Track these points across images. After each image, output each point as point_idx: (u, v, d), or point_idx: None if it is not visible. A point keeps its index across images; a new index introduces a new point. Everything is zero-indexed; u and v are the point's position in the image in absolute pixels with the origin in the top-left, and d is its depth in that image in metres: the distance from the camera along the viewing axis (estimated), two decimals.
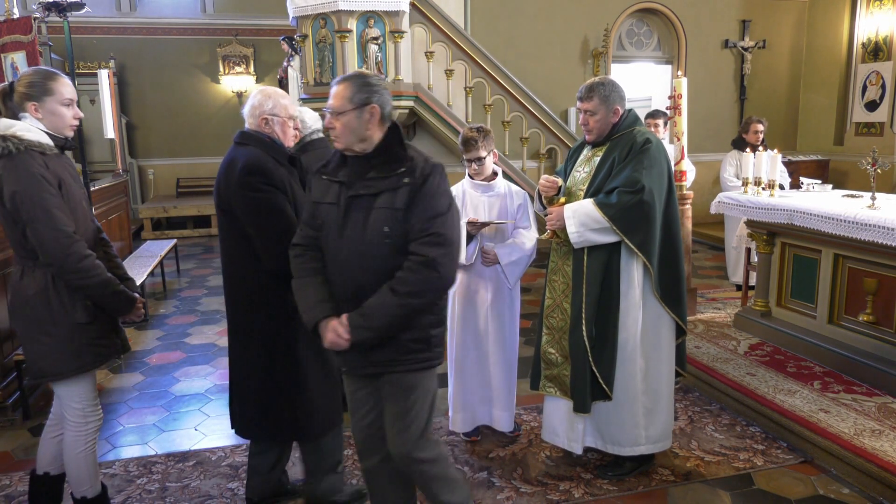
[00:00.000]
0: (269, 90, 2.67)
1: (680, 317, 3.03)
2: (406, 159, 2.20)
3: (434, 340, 2.28)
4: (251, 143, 2.57)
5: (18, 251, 2.46)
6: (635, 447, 3.05)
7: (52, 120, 2.46)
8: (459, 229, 2.24)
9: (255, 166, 2.48)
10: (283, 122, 2.64)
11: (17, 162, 2.32)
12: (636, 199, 2.80)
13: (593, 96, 2.93)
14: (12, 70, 6.77)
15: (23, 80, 2.45)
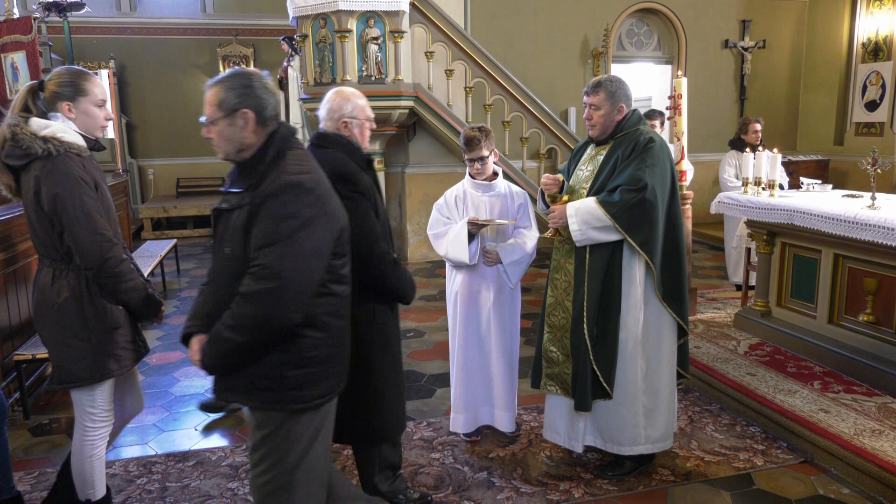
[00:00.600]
0: (347, 91, 2.62)
1: (681, 317, 3.03)
2: (256, 174, 1.94)
3: (289, 381, 1.98)
4: (331, 147, 2.52)
5: (50, 254, 2.41)
6: (634, 447, 3.05)
7: (85, 120, 2.44)
8: (304, 262, 1.89)
9: (343, 173, 2.42)
10: (361, 124, 2.59)
11: (58, 164, 2.29)
12: (639, 198, 2.80)
13: (600, 91, 2.94)
14: (12, 70, 6.77)
15: (55, 78, 2.41)
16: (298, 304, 1.90)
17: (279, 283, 1.85)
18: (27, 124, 2.31)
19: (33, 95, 2.41)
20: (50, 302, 2.41)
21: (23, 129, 2.30)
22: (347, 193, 2.39)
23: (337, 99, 2.59)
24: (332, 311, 2.04)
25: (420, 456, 3.38)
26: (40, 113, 2.39)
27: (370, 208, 2.49)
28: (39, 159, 2.30)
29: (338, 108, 2.57)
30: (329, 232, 1.96)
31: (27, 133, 2.29)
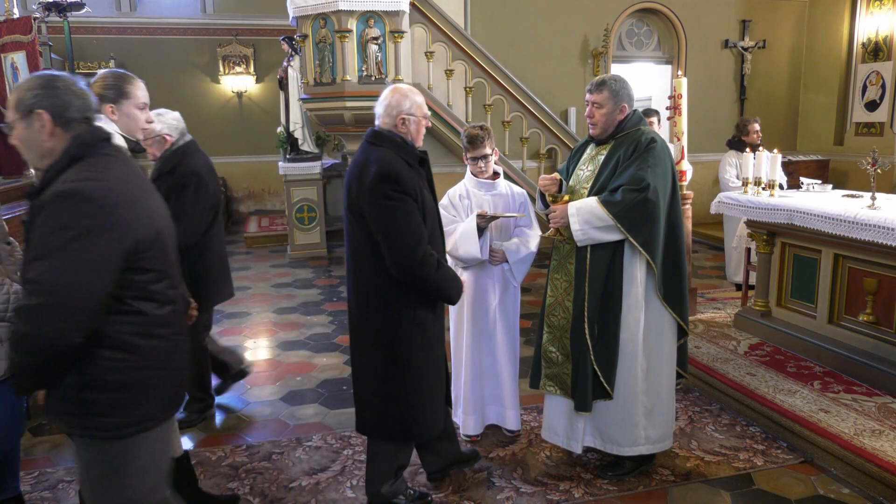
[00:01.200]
0: (404, 88, 2.63)
1: (681, 317, 3.03)
2: (47, 182, 1.78)
3: (92, 407, 1.81)
4: (384, 145, 2.56)
5: None
6: (634, 447, 3.05)
7: (127, 122, 2.50)
8: (78, 277, 1.70)
9: (388, 173, 2.46)
10: (418, 121, 2.63)
11: None
12: (641, 198, 2.80)
13: (604, 89, 2.93)
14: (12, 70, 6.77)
15: (100, 81, 2.47)
16: (75, 323, 1.70)
17: (47, 300, 1.67)
18: None
19: None
20: None
21: None
22: (392, 194, 2.44)
23: (395, 95, 2.61)
24: (140, 330, 1.84)
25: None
26: None
27: (416, 209, 2.50)
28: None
29: (396, 104, 2.59)
30: (114, 244, 1.75)
31: None
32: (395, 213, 2.46)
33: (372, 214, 2.49)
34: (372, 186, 2.46)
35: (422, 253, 2.50)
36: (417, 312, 2.62)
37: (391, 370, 2.64)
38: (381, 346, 2.64)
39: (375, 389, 2.69)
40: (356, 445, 3.52)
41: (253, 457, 3.42)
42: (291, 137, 8.81)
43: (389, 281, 2.56)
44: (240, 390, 4.32)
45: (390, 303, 2.59)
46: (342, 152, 9.49)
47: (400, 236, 2.46)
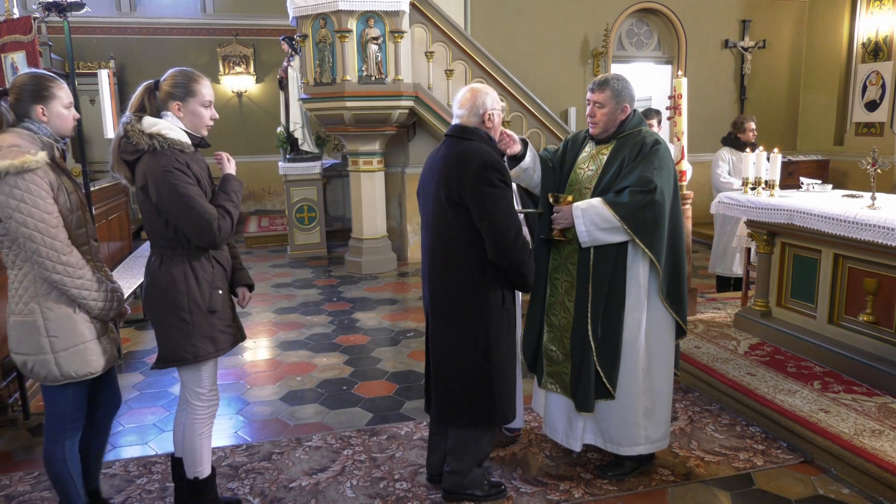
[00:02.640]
0: (481, 87, 2.80)
1: (681, 317, 3.03)
2: None
3: None
4: (475, 139, 2.72)
5: (158, 241, 2.57)
6: (634, 447, 3.05)
7: (193, 120, 2.56)
8: None
9: (493, 162, 2.64)
10: (498, 113, 2.80)
11: (160, 158, 2.44)
12: (648, 199, 2.80)
13: (606, 88, 2.92)
14: (12, 70, 6.77)
15: (168, 79, 2.54)
16: None
17: None
18: (139, 122, 2.47)
19: (149, 94, 2.55)
20: (158, 285, 2.55)
21: (134, 126, 2.46)
22: (497, 182, 2.61)
23: (479, 94, 2.76)
24: None
25: (420, 456, 3.38)
26: (154, 111, 2.54)
27: (512, 198, 2.68)
28: (147, 153, 2.45)
29: (481, 103, 2.75)
30: None
31: (136, 130, 2.45)
32: (499, 201, 2.62)
33: (477, 201, 2.62)
34: (479, 176, 2.60)
35: (521, 238, 2.68)
36: (506, 298, 2.78)
37: (482, 355, 2.76)
38: (472, 333, 2.75)
39: (466, 375, 2.78)
40: (356, 445, 3.52)
41: (253, 457, 3.43)
42: (291, 137, 8.82)
43: (484, 268, 2.71)
44: (240, 390, 4.33)
45: (484, 289, 2.72)
46: (342, 152, 9.50)
47: (504, 222, 2.63)
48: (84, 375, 2.46)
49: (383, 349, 5.07)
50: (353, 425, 3.80)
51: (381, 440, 3.58)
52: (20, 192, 2.25)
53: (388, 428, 3.72)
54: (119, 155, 2.52)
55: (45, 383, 2.46)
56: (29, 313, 2.38)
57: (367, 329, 5.57)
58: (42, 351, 2.39)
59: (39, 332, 2.38)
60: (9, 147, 2.27)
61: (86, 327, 2.45)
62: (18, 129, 2.36)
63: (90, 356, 2.46)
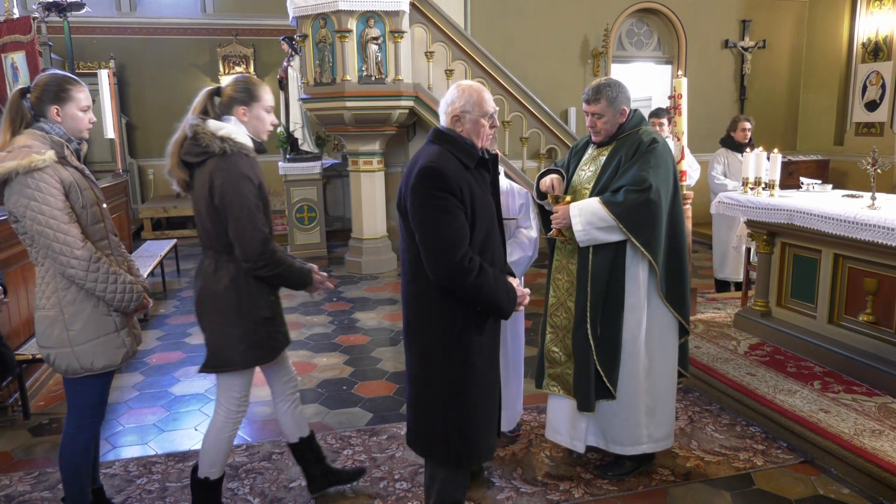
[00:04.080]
0: (465, 84, 2.46)
1: (683, 317, 3.04)
2: None
3: None
4: (440, 142, 2.38)
5: (214, 245, 2.57)
6: (637, 446, 3.05)
7: (256, 124, 2.61)
8: None
9: (431, 170, 2.27)
10: (475, 119, 2.40)
11: (230, 162, 2.47)
12: (643, 198, 2.80)
13: (601, 98, 2.92)
14: (12, 70, 6.77)
15: (232, 84, 2.60)
16: None
17: None
18: (206, 125, 2.50)
19: (212, 99, 2.60)
20: (211, 290, 2.58)
21: (204, 128, 2.48)
22: (432, 192, 2.24)
23: (454, 92, 2.44)
24: None
25: (419, 457, 3.37)
26: (216, 115, 2.58)
27: (458, 210, 2.26)
28: (214, 157, 2.48)
29: (451, 101, 2.42)
30: None
31: (207, 132, 2.48)
32: (433, 213, 2.26)
33: (411, 213, 2.32)
34: (413, 184, 2.29)
35: (459, 256, 2.24)
36: (462, 329, 2.37)
37: (435, 388, 2.42)
38: (423, 361, 2.44)
39: (425, 406, 2.47)
40: (356, 445, 3.52)
41: (253, 457, 3.42)
42: (291, 137, 8.81)
43: (430, 289, 2.34)
44: None
45: (431, 313, 2.38)
46: (342, 152, 9.49)
47: (436, 237, 2.26)
48: (102, 368, 2.50)
49: (383, 349, 5.07)
50: (353, 425, 3.80)
51: (381, 440, 3.58)
52: (30, 191, 2.29)
53: (388, 428, 3.72)
54: (181, 156, 2.54)
55: (66, 376, 2.50)
56: (51, 307, 2.43)
57: (367, 329, 5.57)
58: (62, 344, 2.43)
59: (60, 325, 2.42)
60: (20, 148, 2.33)
61: (106, 321, 2.49)
62: (32, 131, 2.41)
63: (109, 349, 2.50)
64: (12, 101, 2.43)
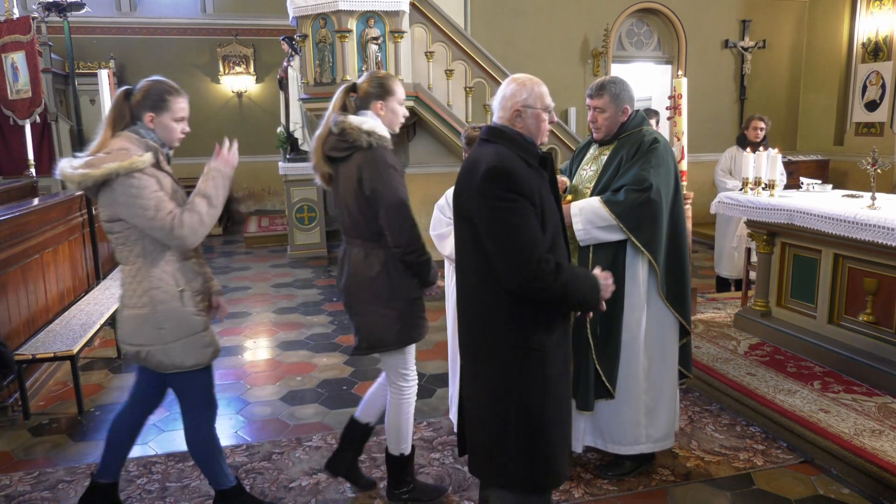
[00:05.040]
0: (522, 77, 2.31)
1: (684, 317, 3.04)
2: None
3: None
4: (498, 141, 2.22)
5: (362, 234, 2.68)
6: (636, 446, 3.05)
7: (391, 117, 2.74)
8: None
9: (499, 170, 2.10)
10: (537, 114, 2.26)
11: (378, 155, 2.59)
12: (644, 198, 2.80)
13: (604, 93, 2.92)
14: (12, 70, 6.77)
15: (367, 80, 2.71)
16: None
17: None
18: (350, 121, 2.61)
19: (348, 95, 2.71)
20: (364, 276, 2.69)
21: (351, 124, 2.60)
22: (503, 194, 2.09)
23: (512, 85, 2.28)
24: None
25: (420, 456, 3.37)
26: (353, 111, 2.69)
27: (531, 212, 2.12)
28: (361, 150, 2.59)
29: (511, 95, 2.26)
30: None
31: (354, 128, 2.59)
32: (507, 217, 2.09)
33: (481, 218, 2.12)
34: (480, 186, 2.11)
35: (536, 259, 2.08)
36: (531, 336, 2.19)
37: (504, 406, 2.21)
38: (489, 377, 2.23)
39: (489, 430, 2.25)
40: None
41: (253, 457, 3.42)
42: (291, 137, 8.82)
43: (498, 297, 2.17)
44: (240, 390, 4.32)
45: (499, 323, 2.19)
46: None
47: (513, 242, 2.09)
48: (192, 366, 2.56)
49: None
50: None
51: (381, 440, 3.56)
52: (134, 190, 2.37)
53: None
54: (327, 152, 2.66)
55: (157, 370, 2.56)
56: (142, 306, 2.48)
57: None
58: (154, 342, 2.50)
59: (152, 323, 2.48)
60: (118, 150, 2.39)
61: (194, 320, 2.55)
62: (128, 133, 2.48)
63: (197, 348, 2.56)
64: (116, 102, 2.51)
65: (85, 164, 2.36)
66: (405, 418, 2.87)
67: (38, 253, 4.51)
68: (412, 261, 2.65)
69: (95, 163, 2.36)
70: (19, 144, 8.24)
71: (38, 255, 4.51)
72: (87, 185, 2.38)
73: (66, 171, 2.39)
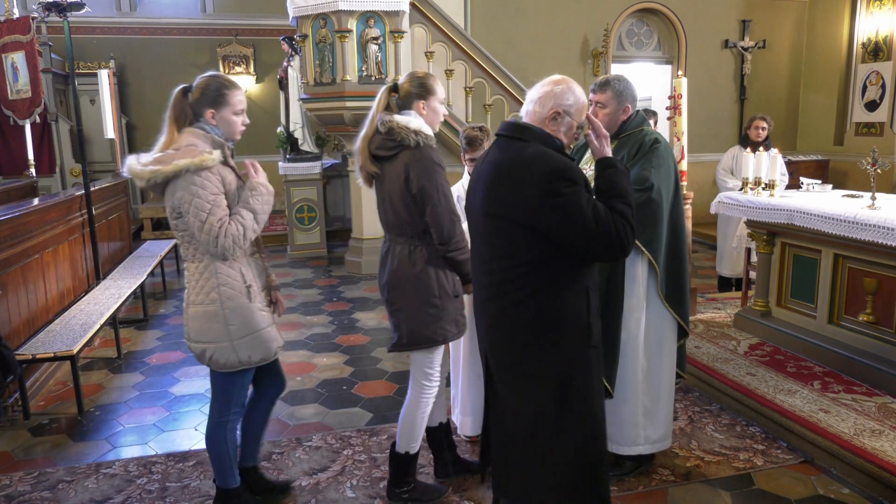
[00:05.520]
0: (572, 83, 2.21)
1: (682, 318, 3.03)
2: None
3: None
4: (531, 140, 2.13)
5: (406, 231, 2.71)
6: (633, 447, 3.05)
7: (432, 116, 2.75)
8: None
9: (556, 169, 2.05)
10: (571, 124, 2.20)
11: (424, 153, 2.63)
12: (645, 198, 2.80)
13: (607, 89, 2.92)
14: (12, 70, 6.77)
15: (408, 80, 2.75)
16: None
17: None
18: (396, 120, 2.65)
19: (390, 95, 2.75)
20: (407, 273, 2.71)
21: (399, 123, 2.64)
22: (563, 190, 2.04)
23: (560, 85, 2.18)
24: None
25: (420, 456, 3.37)
26: (396, 111, 2.73)
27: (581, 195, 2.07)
28: (408, 149, 2.62)
29: (560, 93, 2.17)
30: None
31: (402, 127, 2.63)
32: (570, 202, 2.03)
33: (548, 220, 2.05)
34: (543, 190, 2.03)
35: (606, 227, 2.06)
36: (593, 329, 2.13)
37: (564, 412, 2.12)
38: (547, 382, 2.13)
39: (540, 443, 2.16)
40: (356, 445, 3.52)
41: None
42: (291, 137, 8.81)
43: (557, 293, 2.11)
44: None
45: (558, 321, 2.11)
46: (342, 152, 9.49)
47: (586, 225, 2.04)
48: (258, 361, 2.61)
49: (383, 349, 5.07)
50: (353, 425, 3.80)
51: (381, 440, 3.57)
52: (195, 188, 2.40)
53: (388, 428, 3.71)
54: (374, 151, 2.69)
55: (222, 370, 2.59)
56: (210, 303, 2.52)
57: (367, 329, 5.57)
58: (222, 339, 2.53)
59: (220, 320, 2.52)
60: (186, 146, 2.44)
61: (259, 316, 2.60)
62: (193, 129, 2.52)
63: (264, 343, 2.62)
64: (176, 100, 2.53)
65: (155, 161, 2.42)
66: (421, 417, 2.88)
67: (38, 253, 4.51)
68: (455, 258, 2.69)
69: (165, 159, 2.40)
70: (19, 144, 8.25)
71: (38, 255, 4.51)
72: (155, 182, 2.42)
73: (136, 167, 2.44)
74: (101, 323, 4.42)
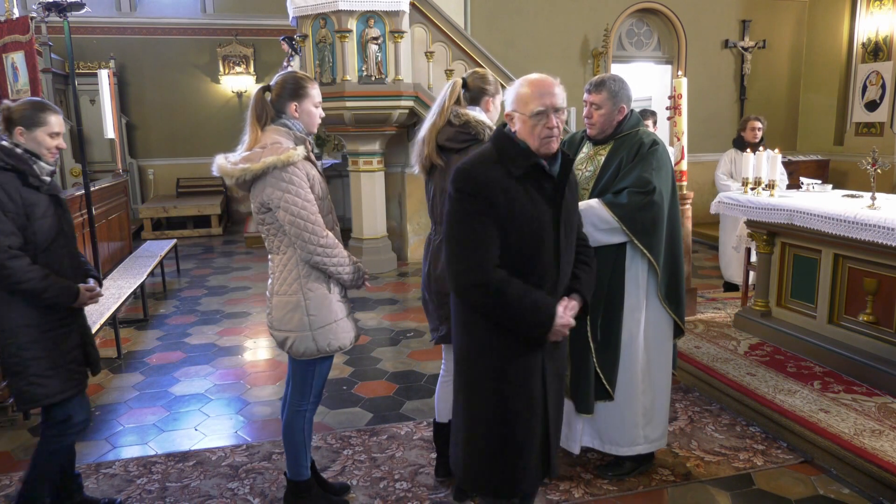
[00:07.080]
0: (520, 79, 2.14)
1: (680, 318, 3.04)
2: None
3: None
4: (491, 140, 2.17)
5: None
6: (633, 447, 3.05)
7: (495, 114, 2.85)
8: None
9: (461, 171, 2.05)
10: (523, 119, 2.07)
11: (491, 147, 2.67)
12: (647, 200, 2.79)
13: (602, 90, 2.90)
14: (12, 70, 6.77)
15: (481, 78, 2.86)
16: None
17: None
18: (469, 114, 2.72)
19: (460, 90, 2.82)
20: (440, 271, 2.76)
21: (472, 117, 2.71)
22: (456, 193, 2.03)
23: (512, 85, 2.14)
24: None
25: (420, 456, 3.38)
26: (465, 106, 2.81)
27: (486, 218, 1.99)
28: (477, 142, 2.67)
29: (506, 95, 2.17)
30: None
31: (479, 121, 2.71)
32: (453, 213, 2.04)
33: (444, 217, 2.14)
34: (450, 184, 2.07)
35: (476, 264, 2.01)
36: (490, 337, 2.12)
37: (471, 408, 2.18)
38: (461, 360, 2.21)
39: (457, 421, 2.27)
40: (356, 445, 3.52)
41: (253, 457, 3.42)
42: None
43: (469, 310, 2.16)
44: (240, 390, 4.32)
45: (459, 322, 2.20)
46: (342, 152, 9.49)
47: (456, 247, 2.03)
48: (336, 350, 2.70)
49: (383, 349, 5.07)
50: (353, 425, 3.80)
51: (381, 440, 3.58)
52: (284, 184, 2.48)
53: (388, 428, 3.72)
54: (442, 142, 2.73)
55: (301, 359, 2.68)
56: (293, 294, 2.61)
57: (367, 329, 5.57)
58: (303, 328, 2.61)
59: (301, 310, 2.61)
60: (272, 144, 2.52)
61: (338, 306, 2.69)
62: (276, 126, 2.59)
63: (342, 332, 2.70)
64: (256, 99, 2.58)
65: (243, 160, 2.50)
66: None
67: None
68: None
69: (253, 157, 2.48)
70: None
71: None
72: (244, 180, 2.51)
73: (226, 166, 2.53)
74: (101, 323, 4.41)
